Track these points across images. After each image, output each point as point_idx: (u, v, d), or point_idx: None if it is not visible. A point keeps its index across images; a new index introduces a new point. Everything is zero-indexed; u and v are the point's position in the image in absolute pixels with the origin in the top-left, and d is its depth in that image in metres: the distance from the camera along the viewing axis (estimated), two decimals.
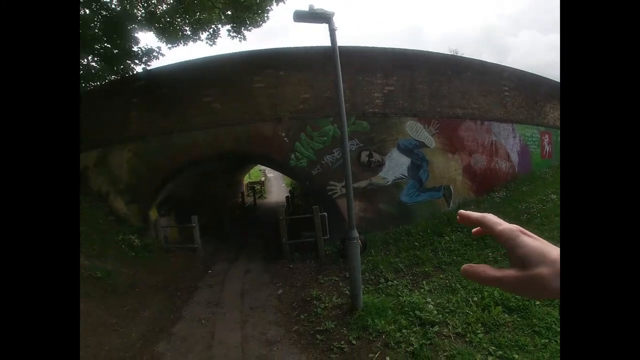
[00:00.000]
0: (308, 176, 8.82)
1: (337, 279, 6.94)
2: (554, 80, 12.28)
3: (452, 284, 5.88)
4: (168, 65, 9.40)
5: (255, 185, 22.53)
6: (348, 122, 8.40)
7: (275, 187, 28.11)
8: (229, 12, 10.33)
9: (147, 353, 4.90)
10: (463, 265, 0.61)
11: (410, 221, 8.75)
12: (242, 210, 15.79)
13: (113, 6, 9.85)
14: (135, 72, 9.65)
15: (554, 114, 12.37)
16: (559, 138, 11.89)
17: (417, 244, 7.75)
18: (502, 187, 10.08)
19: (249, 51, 9.03)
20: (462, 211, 0.69)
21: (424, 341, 4.34)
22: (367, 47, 9.19)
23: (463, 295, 5.33)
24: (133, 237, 8.44)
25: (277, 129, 8.67)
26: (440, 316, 4.83)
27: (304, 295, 6.48)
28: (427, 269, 6.65)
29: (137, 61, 9.65)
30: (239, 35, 10.20)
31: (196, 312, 6.24)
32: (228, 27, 10.37)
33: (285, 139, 8.69)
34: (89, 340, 4.97)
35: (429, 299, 5.37)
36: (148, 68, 9.59)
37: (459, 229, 7.70)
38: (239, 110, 8.71)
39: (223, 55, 9.04)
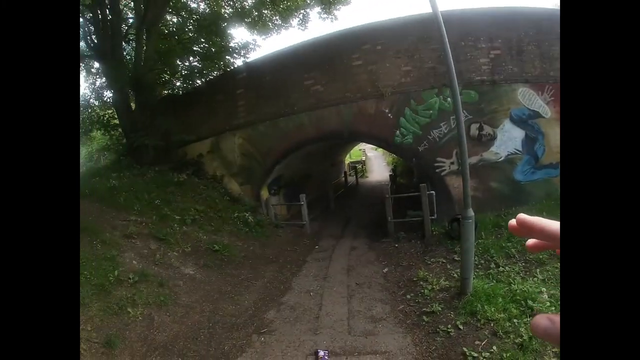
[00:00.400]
0: (414, 153, 8.52)
1: (444, 260, 6.72)
2: None
3: None
4: (266, 54, 9.93)
5: (356, 165, 22.56)
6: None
7: (376, 166, 27.74)
8: None
9: (257, 319, 5.34)
10: (535, 317, 0.44)
11: (524, 202, 7.77)
12: (345, 189, 16.16)
13: (201, 9, 10.69)
14: (235, 66, 10.42)
15: None
16: None
17: None
18: None
19: (343, 30, 9.04)
20: (523, 216, 0.46)
21: None
22: (466, 9, 8.34)
23: None
24: (247, 215, 9.31)
25: (380, 105, 8.52)
26: (554, 308, 4.38)
27: (410, 275, 6.43)
28: (541, 256, 6.00)
29: (235, 55, 10.39)
30: (330, 16, 10.20)
31: (305, 284, 6.61)
32: (318, 9, 10.46)
33: (389, 115, 8.49)
34: (204, 306, 5.58)
35: (542, 289, 4.89)
36: (247, 60, 10.24)
37: None
38: (340, 90, 8.78)
39: (318, 37, 9.21)
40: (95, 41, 10.38)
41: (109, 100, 12.00)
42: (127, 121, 10.61)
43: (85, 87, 12.62)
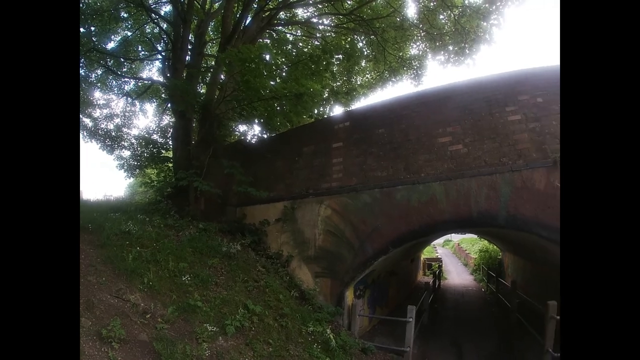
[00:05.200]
0: None
1: None
2: None
3: None
4: (381, 101, 7.53)
5: (432, 263, 18.60)
6: None
7: (451, 265, 23.55)
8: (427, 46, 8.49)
9: None
10: None
11: None
12: (434, 292, 12.27)
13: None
14: (333, 113, 8.02)
15: None
16: None
17: None
18: None
19: (489, 76, 6.74)
20: None
21: None
22: None
23: None
24: (327, 330, 5.94)
25: (552, 177, 5.75)
26: None
27: None
28: None
29: (337, 100, 8.05)
30: (467, 60, 8.01)
31: None
32: (442, 57, 8.36)
33: None
34: None
35: None
36: (351, 108, 7.85)
37: None
38: (493, 153, 6.09)
39: (454, 83, 6.83)
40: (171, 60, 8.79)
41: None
42: (181, 154, 8.04)
43: (152, 121, 11.59)
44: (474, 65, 7.90)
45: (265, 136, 8.42)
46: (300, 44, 11.17)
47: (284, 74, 8.29)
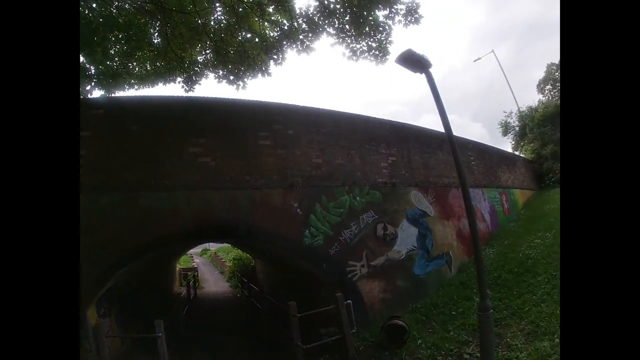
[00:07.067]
0: (325, 257, 7.11)
1: None
2: (499, 149, 15.26)
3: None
4: (143, 96, 7.26)
5: (188, 273, 18.19)
6: (362, 192, 7.75)
7: (207, 274, 23.60)
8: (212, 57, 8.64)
9: None
10: None
11: (424, 294, 8.07)
12: (189, 303, 12.12)
13: None
14: (90, 96, 7.13)
15: (505, 177, 14.16)
16: (512, 197, 14.14)
17: (454, 313, 7.07)
18: (485, 245, 10.27)
19: (252, 101, 7.41)
20: None
21: None
22: (370, 117, 9.02)
23: None
24: None
25: (288, 197, 6.85)
26: None
27: None
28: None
29: (95, 84, 7.19)
30: (239, 82, 8.37)
31: None
32: (219, 71, 8.50)
33: (299, 210, 6.92)
34: None
35: None
36: (112, 95, 7.21)
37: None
38: (239, 171, 6.60)
39: (218, 98, 7.11)
40: None
41: None
42: None
43: None
44: (244, 89, 8.30)
45: None
46: (94, 5, 9.28)
47: None
